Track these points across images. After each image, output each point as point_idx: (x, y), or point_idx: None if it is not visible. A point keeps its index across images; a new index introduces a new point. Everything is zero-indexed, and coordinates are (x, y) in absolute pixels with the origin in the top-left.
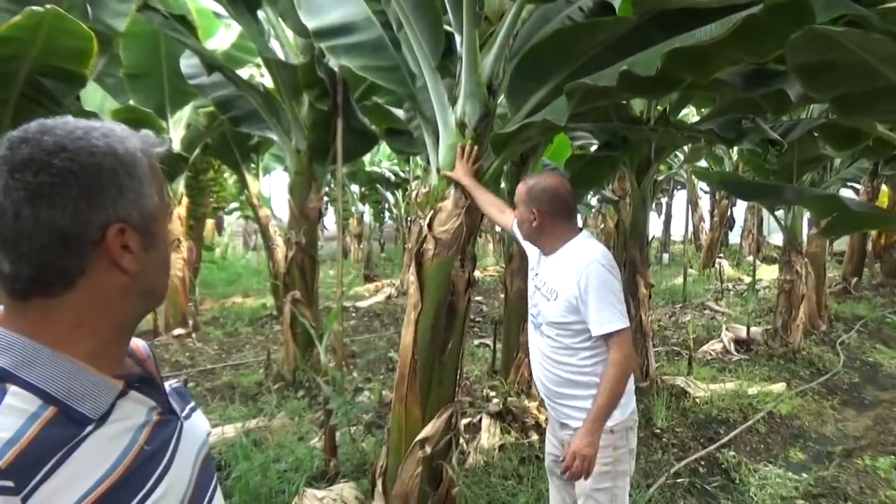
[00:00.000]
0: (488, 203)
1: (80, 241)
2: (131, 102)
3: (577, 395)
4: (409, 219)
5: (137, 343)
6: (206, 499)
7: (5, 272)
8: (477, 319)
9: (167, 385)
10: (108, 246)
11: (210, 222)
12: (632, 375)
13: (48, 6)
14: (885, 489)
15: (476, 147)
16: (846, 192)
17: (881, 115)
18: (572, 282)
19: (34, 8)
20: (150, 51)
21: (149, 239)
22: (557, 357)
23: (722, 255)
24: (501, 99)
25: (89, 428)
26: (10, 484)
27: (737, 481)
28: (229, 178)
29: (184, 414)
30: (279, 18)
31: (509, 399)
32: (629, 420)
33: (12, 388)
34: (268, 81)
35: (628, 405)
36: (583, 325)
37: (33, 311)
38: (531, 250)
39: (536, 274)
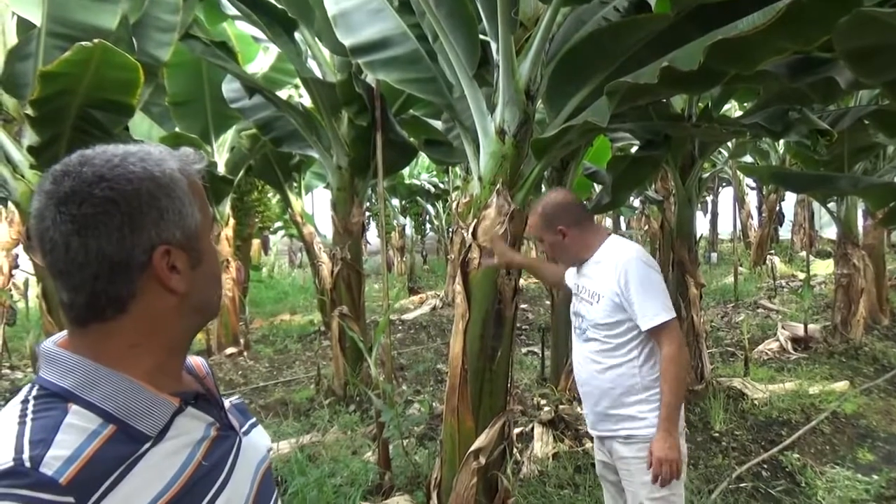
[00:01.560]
0: (549, 270)
1: (128, 267)
2: (177, 129)
3: (627, 400)
4: (450, 230)
5: (197, 360)
6: None
7: (64, 301)
8: (523, 327)
9: (227, 401)
10: (156, 268)
11: (256, 242)
12: None
13: (96, 41)
14: None
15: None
16: None
17: None
18: (612, 280)
19: (83, 43)
20: (193, 78)
21: (195, 256)
22: (605, 360)
23: (773, 251)
24: (540, 105)
25: (147, 445)
26: (70, 500)
27: (802, 485)
28: (273, 197)
29: (243, 430)
30: (315, 38)
31: (561, 406)
32: (680, 425)
33: (74, 408)
34: (307, 101)
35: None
36: (630, 323)
37: (92, 335)
38: (570, 269)
39: (576, 283)
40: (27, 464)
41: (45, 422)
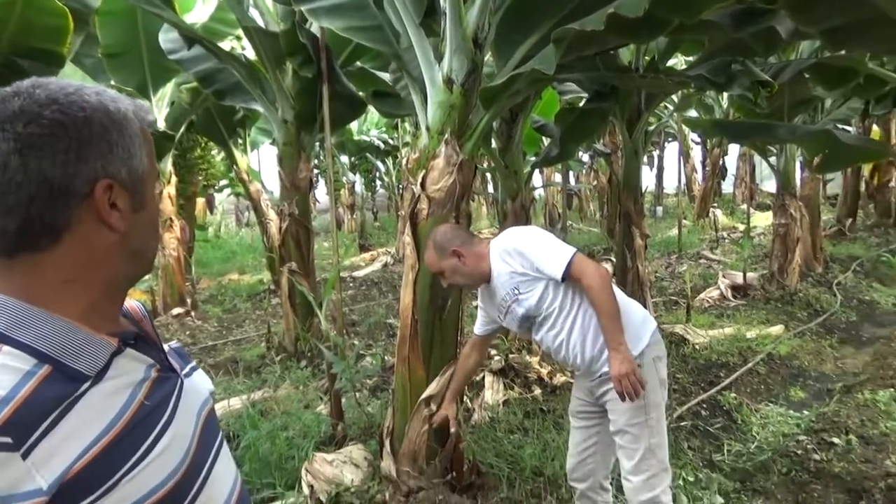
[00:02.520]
0: (467, 367)
1: (67, 194)
2: (112, 83)
3: (599, 343)
4: (400, 186)
5: (133, 304)
6: (211, 456)
7: None
8: None
9: (166, 345)
10: (96, 201)
11: (200, 201)
12: (645, 311)
13: None
14: (886, 420)
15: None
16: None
17: (871, 45)
18: (512, 266)
19: None
20: (128, 28)
21: (137, 200)
22: (566, 323)
23: (716, 204)
24: (489, 57)
25: (86, 385)
26: (8, 440)
27: (738, 421)
28: (217, 154)
29: (184, 372)
30: None
31: (511, 356)
32: (654, 350)
33: (5, 349)
34: (250, 52)
35: (646, 333)
36: (552, 282)
37: (21, 268)
38: (484, 295)
39: (499, 305)
40: None
41: None
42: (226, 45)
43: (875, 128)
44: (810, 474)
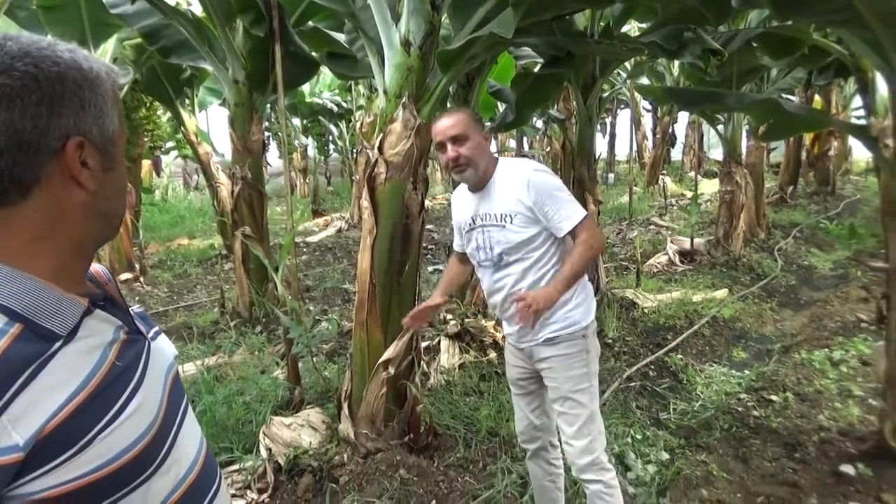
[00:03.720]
0: (452, 271)
1: (37, 148)
2: (49, 37)
3: (559, 303)
4: (354, 150)
5: (97, 268)
6: (178, 418)
7: None
8: (429, 247)
9: (130, 309)
10: (67, 157)
11: (146, 163)
12: (591, 287)
13: None
14: (820, 379)
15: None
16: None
17: (819, 16)
18: (522, 195)
19: None
20: None
21: (108, 160)
22: (529, 276)
23: (665, 172)
24: (446, 20)
25: (58, 344)
26: None
27: (684, 381)
28: (164, 115)
29: (150, 336)
30: None
31: (466, 320)
32: (594, 323)
33: None
34: (197, 8)
35: (593, 308)
36: (545, 233)
37: None
38: (459, 199)
39: (474, 216)
40: None
41: None
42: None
43: (817, 97)
44: (750, 430)
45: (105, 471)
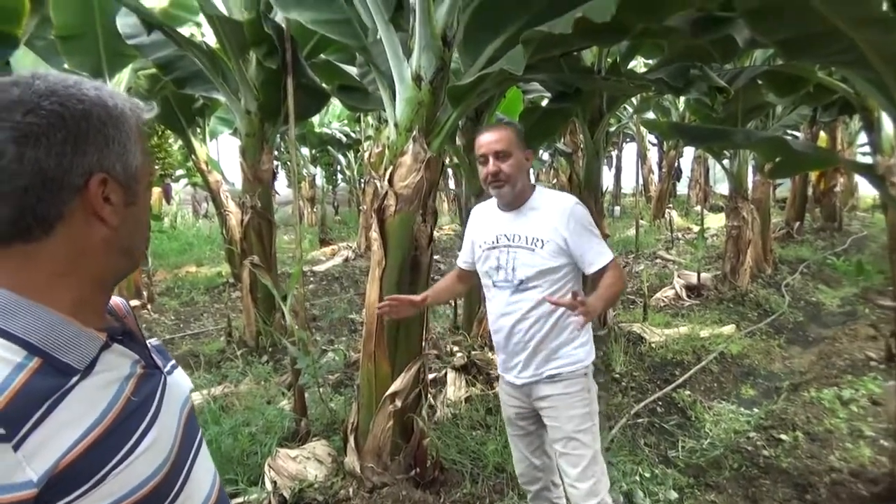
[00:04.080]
0: (445, 286)
1: (62, 186)
2: (66, 66)
3: (562, 341)
4: (362, 180)
5: (117, 300)
6: (193, 451)
7: None
8: (435, 277)
9: (147, 343)
10: (90, 194)
11: (156, 190)
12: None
13: None
14: (830, 418)
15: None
16: (788, 139)
17: (825, 57)
18: (560, 225)
19: None
20: (83, 9)
21: (130, 195)
22: (544, 306)
23: (671, 205)
24: (456, 55)
25: (75, 378)
26: (0, 431)
27: (692, 418)
28: (174, 143)
29: (166, 370)
30: None
31: (473, 353)
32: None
33: None
34: (211, 40)
35: (593, 348)
36: (569, 266)
37: (13, 259)
38: (483, 215)
39: (500, 234)
40: None
41: None
42: (185, 31)
43: (822, 134)
44: (760, 469)
45: None
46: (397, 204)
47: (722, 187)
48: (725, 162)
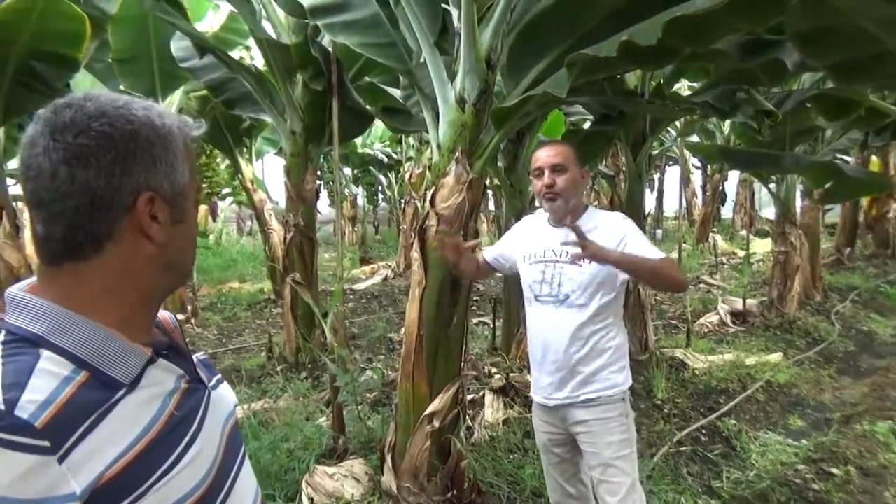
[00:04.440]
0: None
1: (111, 205)
2: (121, 88)
3: (601, 364)
4: (402, 200)
5: (164, 315)
6: (236, 465)
7: (39, 234)
8: (475, 299)
9: (194, 357)
10: (138, 213)
11: (203, 208)
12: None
13: None
14: (884, 452)
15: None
16: (839, 164)
17: (878, 80)
18: (614, 241)
19: None
20: (140, 34)
21: (178, 213)
22: (590, 324)
23: (715, 229)
24: (500, 78)
25: (121, 393)
26: (46, 444)
27: (738, 448)
28: (221, 162)
29: (211, 384)
30: None
31: (511, 374)
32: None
33: (46, 353)
34: (260, 63)
35: (630, 373)
36: (619, 285)
37: (64, 276)
38: (532, 228)
39: (548, 249)
40: (2, 406)
41: (17, 366)
42: (234, 54)
43: (874, 158)
44: None
45: None
46: (439, 224)
47: (768, 211)
48: (772, 186)
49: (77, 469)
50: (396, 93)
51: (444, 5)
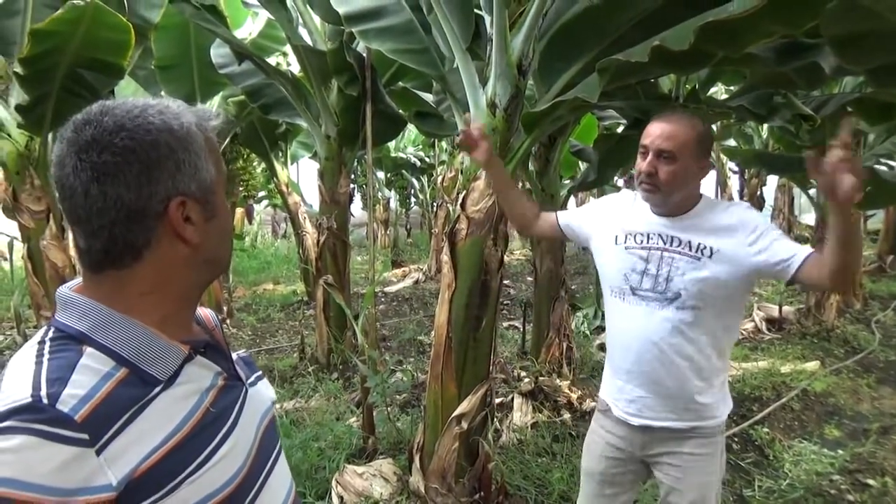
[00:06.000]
0: (523, 202)
1: (144, 215)
2: (163, 93)
3: (698, 383)
4: (435, 204)
5: (206, 312)
6: (271, 461)
7: (81, 247)
8: (505, 302)
9: (234, 354)
10: (171, 218)
11: (240, 211)
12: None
13: (88, 0)
14: None
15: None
16: (881, 169)
17: None
18: (731, 228)
19: (76, 2)
20: (181, 42)
21: (209, 210)
22: (702, 338)
23: None
24: (531, 83)
25: (158, 389)
26: (84, 436)
27: (770, 457)
28: (258, 166)
29: (249, 381)
30: (306, 5)
31: (540, 378)
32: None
33: (88, 350)
34: (296, 68)
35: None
36: (742, 289)
37: (107, 282)
38: (626, 203)
39: (653, 233)
40: (45, 400)
41: (60, 362)
42: (271, 60)
43: None
44: None
45: None
46: (469, 228)
47: (808, 217)
48: (812, 191)
49: (113, 461)
50: (429, 97)
51: (476, 10)
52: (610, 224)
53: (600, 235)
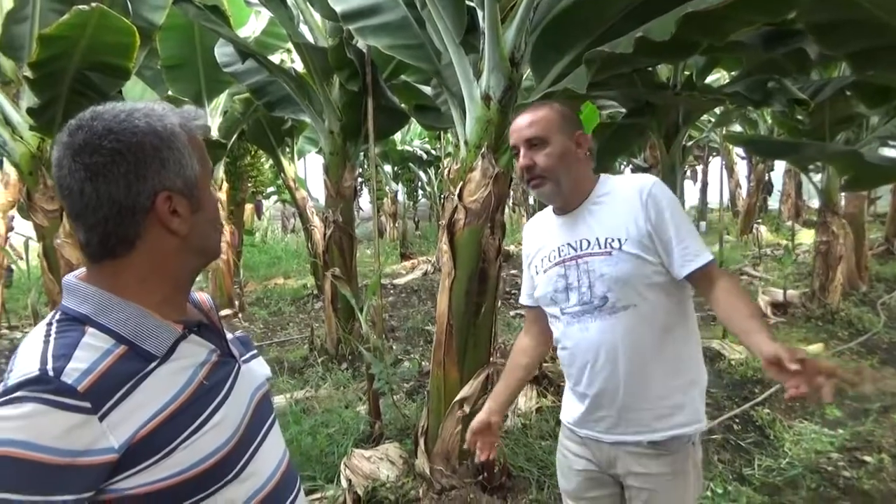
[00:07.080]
0: (514, 362)
1: (134, 210)
2: (170, 93)
3: (663, 389)
4: (442, 196)
5: (203, 296)
6: (264, 430)
7: (81, 240)
8: (513, 292)
9: (230, 334)
10: (159, 212)
11: (249, 207)
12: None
13: (93, 4)
14: None
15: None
16: (885, 151)
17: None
18: (637, 212)
19: (81, 7)
20: (186, 42)
21: (195, 203)
22: (647, 335)
23: (760, 220)
24: (528, 72)
25: (155, 364)
26: (87, 405)
27: (771, 437)
28: (266, 162)
29: (243, 358)
30: (307, 3)
31: (545, 364)
32: None
33: (90, 330)
34: (299, 66)
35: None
36: (665, 270)
37: (106, 270)
38: (538, 227)
39: (562, 245)
40: (51, 373)
41: (65, 340)
42: (275, 57)
43: None
44: (839, 490)
45: (186, 475)
46: (466, 218)
47: (816, 201)
48: (816, 177)
49: (115, 427)
50: (429, 91)
51: (468, 3)
52: (532, 258)
53: (535, 273)
